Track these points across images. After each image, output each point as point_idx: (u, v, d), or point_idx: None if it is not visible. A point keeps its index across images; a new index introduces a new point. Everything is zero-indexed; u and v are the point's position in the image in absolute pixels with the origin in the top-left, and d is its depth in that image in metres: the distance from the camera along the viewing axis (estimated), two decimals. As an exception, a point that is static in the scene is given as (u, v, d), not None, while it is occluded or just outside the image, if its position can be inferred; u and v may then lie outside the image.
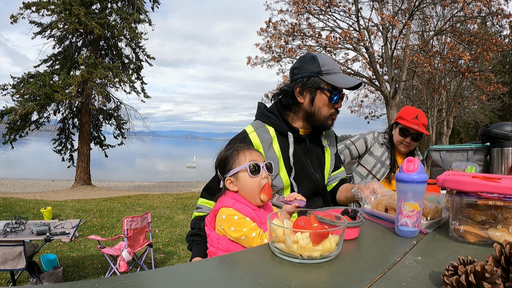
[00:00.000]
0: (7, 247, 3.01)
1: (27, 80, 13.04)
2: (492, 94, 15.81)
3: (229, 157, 1.19)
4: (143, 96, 15.16)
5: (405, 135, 2.24)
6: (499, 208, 0.87)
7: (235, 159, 1.18)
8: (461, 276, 0.56)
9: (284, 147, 1.43)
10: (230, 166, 1.18)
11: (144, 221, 3.89)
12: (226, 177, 1.18)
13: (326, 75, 1.38)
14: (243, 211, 1.10)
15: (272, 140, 1.42)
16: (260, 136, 1.41)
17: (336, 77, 1.39)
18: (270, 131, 1.44)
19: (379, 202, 1.18)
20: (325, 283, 0.64)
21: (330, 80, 1.37)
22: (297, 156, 1.45)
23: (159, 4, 15.76)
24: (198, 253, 1.28)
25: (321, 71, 1.38)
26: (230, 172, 1.17)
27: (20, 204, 8.05)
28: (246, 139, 1.39)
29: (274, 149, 1.41)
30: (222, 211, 1.11)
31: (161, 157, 52.10)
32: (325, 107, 1.41)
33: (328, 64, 1.40)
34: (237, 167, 1.16)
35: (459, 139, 31.08)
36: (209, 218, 1.17)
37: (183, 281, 0.64)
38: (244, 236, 1.05)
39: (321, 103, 1.40)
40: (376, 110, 16.80)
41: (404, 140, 2.25)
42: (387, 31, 11.52)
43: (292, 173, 1.43)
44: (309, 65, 1.40)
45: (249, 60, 12.69)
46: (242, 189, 1.16)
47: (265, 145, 1.40)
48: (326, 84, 1.38)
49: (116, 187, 14.88)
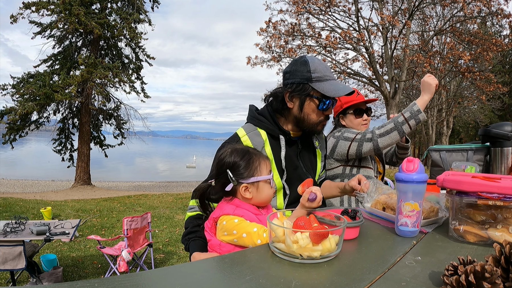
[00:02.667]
0: (7, 247, 3.01)
1: (27, 80, 13.04)
2: (492, 94, 15.83)
3: (249, 162, 1.16)
4: (143, 96, 15.17)
5: (360, 113, 2.05)
6: (499, 208, 0.87)
7: (257, 167, 1.15)
8: (461, 276, 0.56)
9: (276, 150, 1.43)
10: (250, 173, 1.15)
11: (144, 221, 3.89)
12: (243, 184, 1.14)
13: (316, 83, 1.36)
14: (245, 216, 1.10)
15: (264, 144, 1.42)
16: (252, 139, 1.41)
17: (326, 84, 1.37)
18: (262, 134, 1.43)
19: (377, 201, 1.19)
20: (325, 283, 0.64)
21: (320, 88, 1.36)
22: (289, 158, 1.45)
23: (159, 4, 15.76)
24: (196, 248, 1.24)
25: (311, 78, 1.36)
26: (251, 179, 1.14)
27: (20, 204, 8.05)
28: (238, 143, 1.39)
29: (266, 152, 1.41)
30: (222, 218, 1.10)
31: (161, 157, 52.09)
32: (314, 114, 1.40)
33: (320, 70, 1.38)
34: (259, 176, 1.14)
35: (459, 139, 31.10)
36: (209, 224, 1.16)
37: (183, 281, 0.64)
38: (245, 232, 1.04)
39: (310, 110, 1.40)
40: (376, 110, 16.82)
41: (362, 120, 2.06)
42: (387, 31, 11.53)
43: (284, 175, 1.43)
44: (300, 70, 1.39)
45: (249, 60, 12.70)
46: (257, 197, 1.14)
47: (257, 149, 1.39)
48: (316, 92, 1.37)
49: (116, 187, 14.88)
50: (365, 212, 1.22)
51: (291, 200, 1.45)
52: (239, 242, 1.06)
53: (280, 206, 1.45)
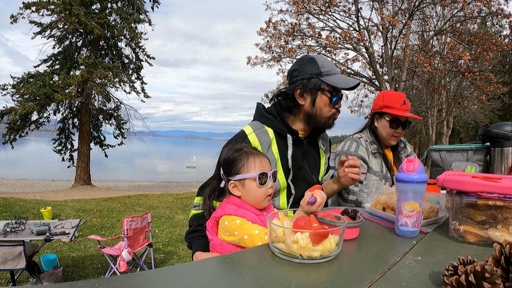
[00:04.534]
0: (7, 247, 3.01)
1: (27, 80, 13.04)
2: (492, 94, 15.82)
3: (237, 160, 1.15)
4: (143, 96, 15.18)
5: (396, 125, 1.90)
6: (499, 208, 0.87)
7: (244, 164, 1.14)
8: (461, 276, 0.56)
9: (283, 149, 1.44)
10: (237, 170, 1.14)
11: (144, 221, 3.89)
12: (231, 180, 1.14)
13: (326, 76, 1.40)
14: (246, 217, 1.09)
15: (271, 142, 1.43)
16: (259, 137, 1.41)
17: (335, 78, 1.41)
18: (269, 133, 1.44)
19: (377, 201, 1.19)
20: (325, 283, 0.64)
21: (330, 81, 1.39)
22: (295, 158, 1.46)
23: (159, 4, 15.77)
24: (199, 247, 1.25)
25: (321, 73, 1.40)
26: (237, 176, 1.13)
27: (20, 204, 8.05)
28: (245, 140, 1.39)
29: (273, 151, 1.41)
30: (224, 218, 1.10)
31: (161, 157, 52.09)
32: (326, 108, 1.42)
33: (327, 65, 1.42)
34: (245, 173, 1.13)
35: (459, 139, 31.11)
36: (210, 223, 1.15)
37: (183, 281, 0.64)
38: (247, 235, 1.04)
39: (322, 104, 1.42)
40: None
41: (395, 132, 1.92)
42: (387, 31, 11.52)
43: (290, 175, 1.43)
44: (308, 67, 1.41)
45: (249, 60, 12.69)
46: (246, 196, 1.14)
47: (264, 147, 1.40)
48: (327, 85, 1.40)
49: (116, 187, 14.88)
50: (365, 212, 1.22)
51: (295, 200, 1.45)
52: (240, 243, 1.06)
53: (283, 206, 1.44)
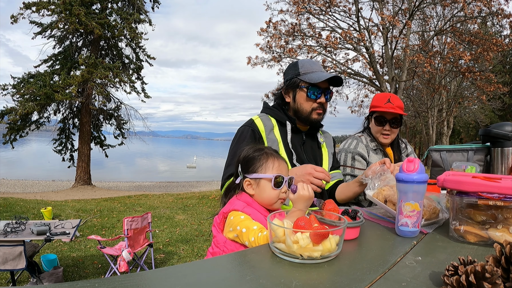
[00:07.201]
0: (7, 247, 3.01)
1: (27, 80, 13.06)
2: (493, 94, 15.80)
3: (257, 159, 1.16)
4: (144, 96, 15.19)
5: (382, 123, 2.00)
6: (499, 208, 0.87)
7: (263, 164, 1.15)
8: (461, 276, 0.56)
9: (283, 134, 1.60)
10: (254, 168, 1.15)
11: (144, 221, 3.89)
12: (247, 178, 1.15)
13: (303, 75, 1.59)
14: (253, 216, 1.09)
15: (273, 127, 1.61)
16: (263, 122, 1.60)
17: (312, 75, 1.58)
18: (272, 120, 1.63)
19: (380, 191, 1.16)
20: (325, 283, 0.64)
21: (306, 78, 1.58)
22: (294, 145, 1.60)
23: (159, 4, 15.77)
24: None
25: (299, 73, 1.60)
26: (253, 175, 1.14)
27: (20, 204, 8.05)
28: (252, 124, 1.58)
29: (275, 134, 1.59)
30: (231, 214, 1.10)
31: (161, 157, 52.08)
32: (306, 103, 1.59)
33: (307, 66, 1.61)
34: (262, 173, 1.13)
35: (459, 139, 31.09)
36: (218, 219, 1.16)
37: (183, 281, 0.64)
38: (245, 228, 1.03)
39: (302, 99, 1.60)
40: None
41: (382, 129, 2.00)
42: (387, 31, 11.51)
43: (293, 156, 1.55)
44: (291, 69, 1.64)
45: (249, 60, 12.68)
46: (258, 195, 1.14)
47: (267, 129, 1.58)
48: (303, 83, 1.59)
49: (116, 187, 14.89)
50: (365, 212, 1.22)
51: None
52: (239, 237, 1.06)
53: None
